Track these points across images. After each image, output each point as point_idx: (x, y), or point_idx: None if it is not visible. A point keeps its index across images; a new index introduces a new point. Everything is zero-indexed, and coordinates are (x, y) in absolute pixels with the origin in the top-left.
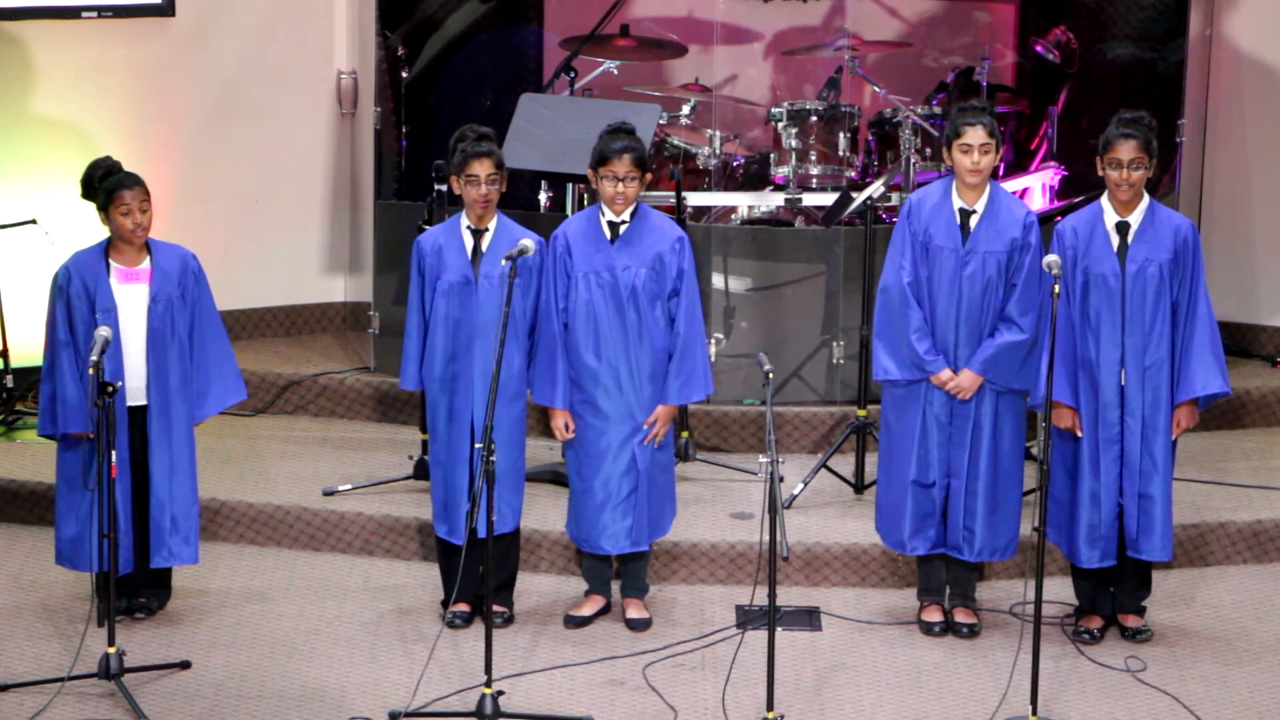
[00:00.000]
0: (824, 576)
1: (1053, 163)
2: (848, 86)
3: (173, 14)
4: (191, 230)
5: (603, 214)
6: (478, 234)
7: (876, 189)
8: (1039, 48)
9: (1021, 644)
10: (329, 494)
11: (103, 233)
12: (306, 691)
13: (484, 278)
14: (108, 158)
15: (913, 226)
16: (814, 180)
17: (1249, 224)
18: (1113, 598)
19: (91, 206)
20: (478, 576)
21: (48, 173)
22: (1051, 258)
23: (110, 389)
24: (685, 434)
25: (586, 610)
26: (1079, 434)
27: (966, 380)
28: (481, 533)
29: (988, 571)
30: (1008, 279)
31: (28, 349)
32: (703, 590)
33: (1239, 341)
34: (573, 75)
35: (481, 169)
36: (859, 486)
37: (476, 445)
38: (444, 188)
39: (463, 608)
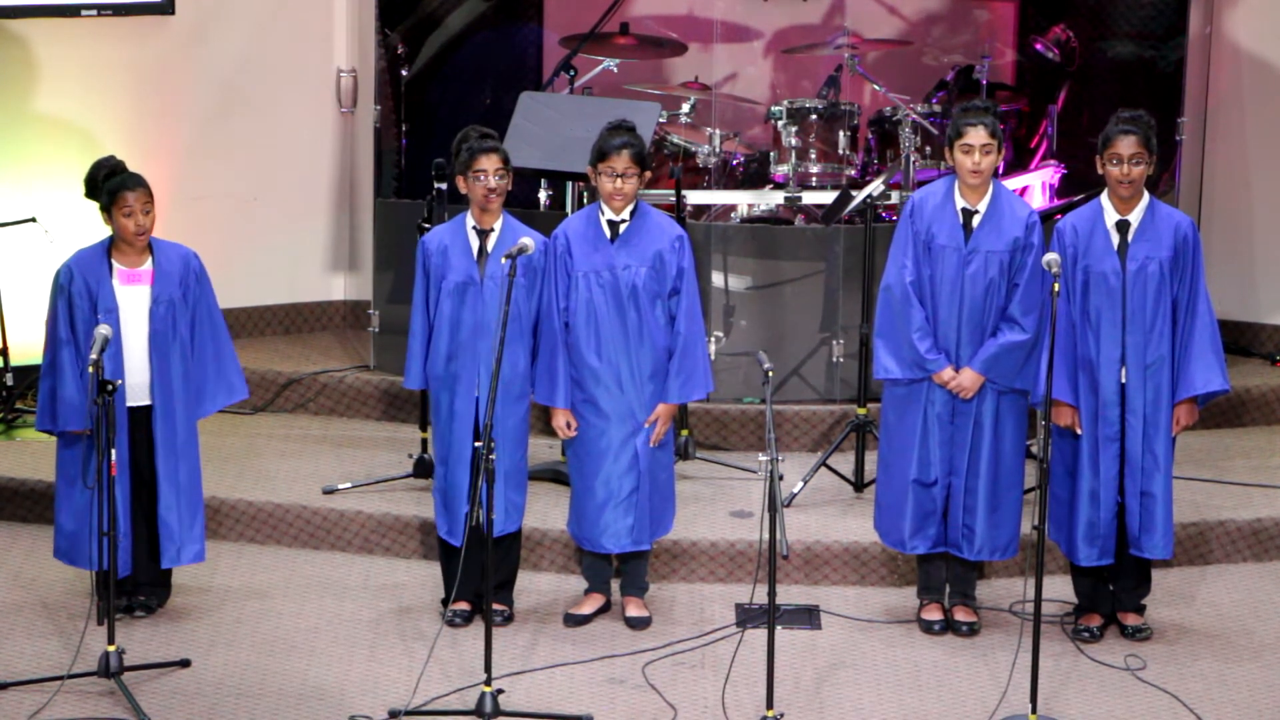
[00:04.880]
0: (824, 575)
1: (1052, 161)
2: (847, 85)
3: (173, 12)
4: (191, 228)
5: (602, 213)
6: (483, 234)
7: (876, 187)
8: (1039, 46)
9: (1021, 642)
10: (329, 492)
11: (103, 230)
12: (306, 690)
13: (489, 278)
14: (111, 157)
15: (915, 226)
16: (814, 178)
17: (1249, 222)
18: (1113, 596)
19: (92, 205)
20: (478, 575)
21: (47, 171)
22: (1050, 256)
23: (110, 387)
24: (685, 432)
25: (586, 609)
26: (1078, 432)
27: (968, 379)
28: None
29: (987, 570)
30: (1010, 278)
31: (27, 347)
32: (702, 589)
33: (1239, 339)
34: (572, 74)
35: (489, 164)
36: (859, 485)
37: (477, 444)
38: (444, 186)
39: (462, 606)
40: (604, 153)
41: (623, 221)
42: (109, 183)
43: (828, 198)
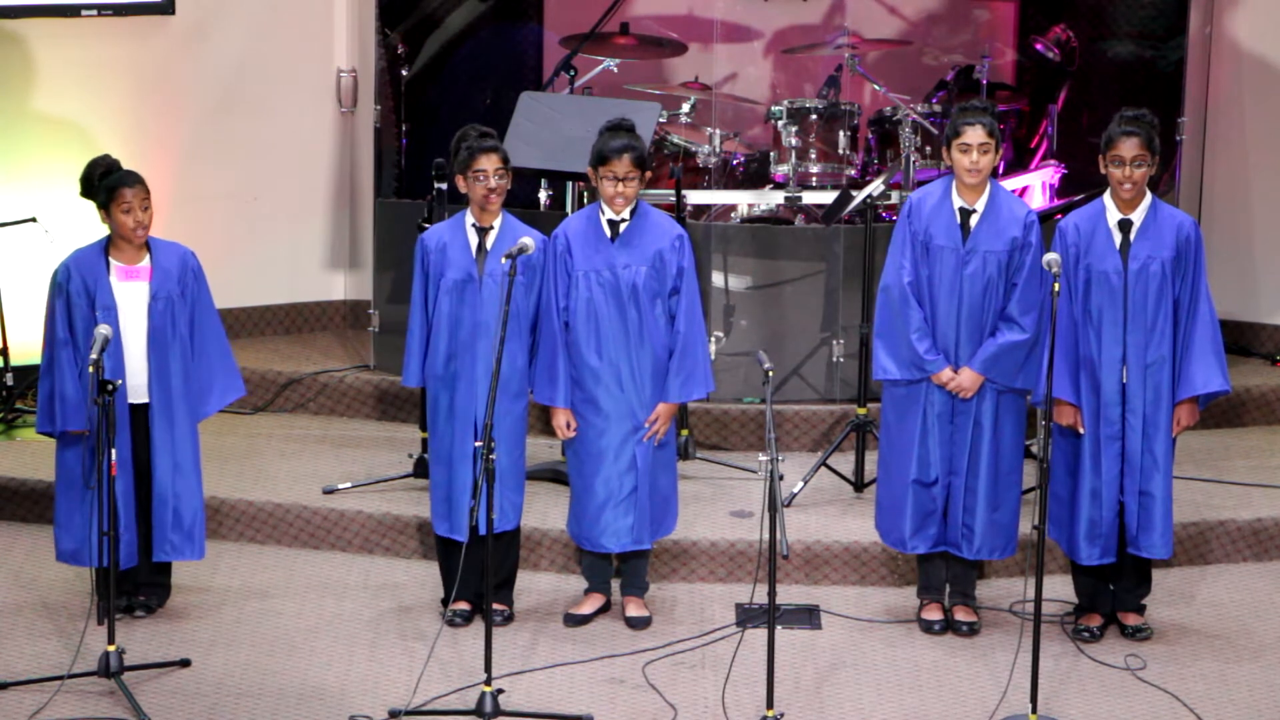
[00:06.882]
0: (824, 575)
1: (1052, 161)
2: (848, 84)
3: (173, 12)
4: (191, 228)
5: (602, 212)
6: (482, 231)
7: (876, 187)
8: (1039, 46)
9: (1021, 642)
10: (329, 492)
11: (102, 230)
12: (306, 689)
13: (488, 275)
14: (106, 156)
15: (913, 226)
16: (814, 178)
17: (1249, 222)
18: (1113, 596)
19: (91, 204)
20: (478, 574)
21: (47, 171)
22: (1051, 256)
23: (110, 387)
24: (685, 432)
25: (586, 608)
26: (1080, 431)
27: (967, 379)
28: (482, 530)
29: (987, 570)
30: (1008, 278)
31: (27, 347)
32: (702, 588)
33: (1239, 339)
34: (573, 73)
35: (489, 163)
36: (859, 485)
37: (476, 443)
38: (444, 185)
39: (462, 606)
40: (604, 156)
41: (623, 221)
42: (106, 180)
43: (828, 198)
